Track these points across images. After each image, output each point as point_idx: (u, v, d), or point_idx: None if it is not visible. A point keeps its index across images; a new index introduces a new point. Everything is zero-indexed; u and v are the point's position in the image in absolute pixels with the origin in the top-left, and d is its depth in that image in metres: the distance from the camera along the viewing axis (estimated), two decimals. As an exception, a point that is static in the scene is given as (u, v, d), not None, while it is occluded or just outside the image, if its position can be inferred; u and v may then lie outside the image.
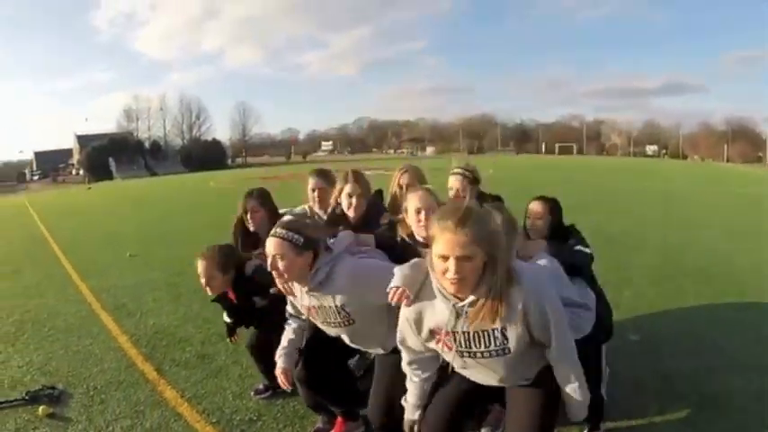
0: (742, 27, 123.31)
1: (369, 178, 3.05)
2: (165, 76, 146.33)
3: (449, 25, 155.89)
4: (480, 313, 1.69)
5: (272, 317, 2.70)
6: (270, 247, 2.13)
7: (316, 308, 2.27)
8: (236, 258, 2.91)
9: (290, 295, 2.39)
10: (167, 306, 5.28)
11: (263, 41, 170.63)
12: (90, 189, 35.66)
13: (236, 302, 2.94)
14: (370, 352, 2.51)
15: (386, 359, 2.35)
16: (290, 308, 2.52)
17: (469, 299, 1.69)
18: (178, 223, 12.13)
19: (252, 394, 3.24)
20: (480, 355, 1.80)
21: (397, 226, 2.61)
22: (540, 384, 1.92)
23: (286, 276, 2.16)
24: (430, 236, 1.68)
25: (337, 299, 2.19)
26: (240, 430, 2.91)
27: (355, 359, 3.23)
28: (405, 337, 1.97)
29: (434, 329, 1.83)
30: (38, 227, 13.52)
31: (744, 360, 3.54)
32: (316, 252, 2.16)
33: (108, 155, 60.70)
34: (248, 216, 3.17)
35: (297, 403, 3.05)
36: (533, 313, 1.70)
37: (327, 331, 2.40)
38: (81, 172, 63.18)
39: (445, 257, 1.61)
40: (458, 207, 1.69)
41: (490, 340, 1.75)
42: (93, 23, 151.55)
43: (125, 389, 3.42)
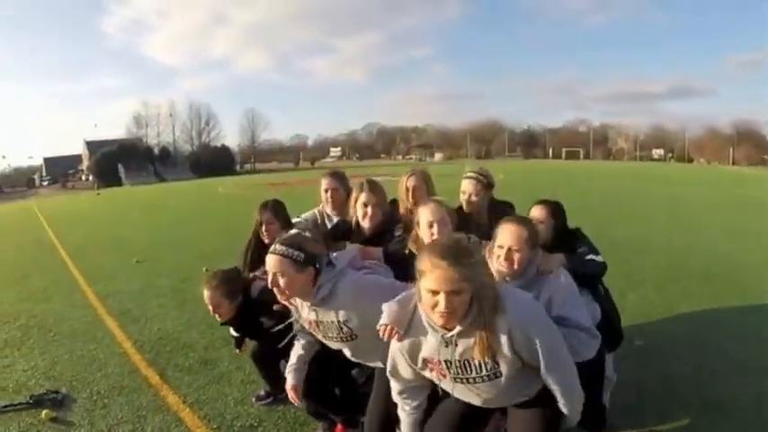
0: (745, 29, 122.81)
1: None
2: (174, 81, 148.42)
3: (456, 31, 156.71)
4: (468, 343, 1.74)
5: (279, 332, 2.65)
6: (270, 264, 2.10)
7: (317, 322, 2.26)
8: (242, 281, 2.92)
9: (291, 308, 2.37)
10: (172, 312, 5.31)
11: (271, 47, 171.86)
12: (99, 195, 35.99)
13: (242, 325, 2.96)
14: (370, 366, 2.48)
15: (385, 372, 2.34)
16: (297, 325, 2.48)
17: (457, 329, 1.71)
18: (186, 229, 12.19)
19: (253, 400, 3.24)
20: (473, 380, 1.84)
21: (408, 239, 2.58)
22: (541, 404, 1.91)
23: (287, 293, 2.14)
24: (419, 270, 1.69)
25: (340, 314, 2.17)
26: (240, 436, 2.91)
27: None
28: (396, 367, 2.00)
29: (427, 359, 1.87)
30: (46, 232, 13.65)
31: (746, 362, 3.53)
32: (317, 267, 2.13)
33: (117, 161, 61.11)
34: (263, 228, 3.14)
35: (297, 410, 3.04)
36: (519, 341, 1.73)
37: (329, 345, 2.40)
38: (90, 178, 63.77)
39: (435, 292, 1.64)
40: (447, 243, 1.75)
41: (481, 367, 1.79)
42: (102, 29, 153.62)
43: (128, 394, 3.44)
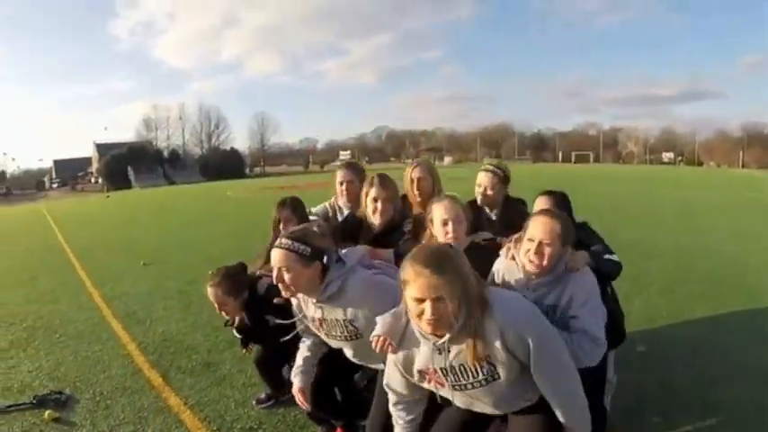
0: (757, 30, 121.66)
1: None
2: (184, 84, 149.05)
3: (466, 33, 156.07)
4: (460, 348, 1.72)
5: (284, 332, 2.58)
6: (275, 258, 2.04)
7: (321, 320, 2.22)
8: (248, 278, 2.89)
9: (294, 306, 2.34)
10: (177, 314, 5.34)
11: (281, 49, 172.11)
12: (108, 197, 36.31)
13: (248, 323, 2.93)
14: (371, 368, 2.44)
15: None
16: (301, 325, 2.40)
17: (447, 335, 1.70)
18: (194, 232, 12.25)
19: (254, 403, 3.25)
20: (471, 386, 1.80)
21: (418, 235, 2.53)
22: (543, 410, 1.86)
23: (293, 289, 2.09)
24: (402, 279, 1.68)
25: (348, 312, 2.12)
26: (240, 438, 2.92)
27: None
28: (391, 380, 1.99)
29: (423, 370, 1.84)
30: (55, 234, 13.81)
31: (749, 367, 3.50)
32: (324, 263, 2.08)
33: (127, 163, 61.68)
34: (282, 226, 3.10)
35: (298, 413, 3.05)
36: (512, 341, 1.70)
37: (330, 344, 2.36)
38: (100, 180, 64.36)
39: (421, 300, 1.63)
40: (430, 250, 1.72)
41: (478, 370, 1.75)
42: (112, 32, 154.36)
43: (130, 395, 3.46)
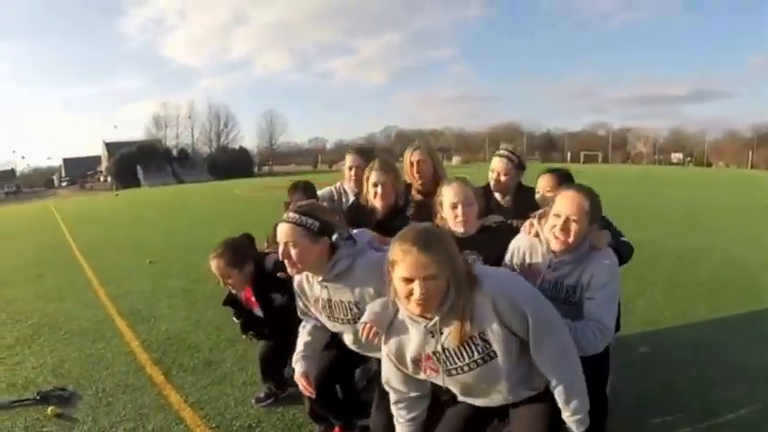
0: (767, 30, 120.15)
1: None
2: (193, 82, 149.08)
3: (476, 32, 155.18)
4: (452, 328, 1.69)
5: (287, 320, 2.55)
6: (282, 233, 1.96)
7: (326, 301, 2.15)
8: (254, 252, 2.84)
9: (296, 287, 2.27)
10: (181, 312, 5.37)
11: (291, 47, 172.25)
12: (117, 196, 36.56)
13: (253, 299, 2.89)
14: (371, 356, 2.37)
15: None
16: (302, 306, 2.33)
17: (437, 318, 1.68)
18: (201, 231, 12.24)
19: (253, 402, 3.26)
20: (468, 367, 1.75)
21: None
22: (544, 403, 1.82)
23: (299, 266, 2.01)
24: (390, 260, 1.66)
25: (355, 293, 2.05)
26: (238, 436, 2.94)
27: (358, 370, 3.18)
28: (389, 376, 1.96)
29: (416, 358, 1.81)
30: (63, 233, 13.91)
31: (750, 369, 3.48)
32: (333, 239, 1.99)
33: (136, 162, 61.86)
34: None
35: (296, 411, 3.07)
36: (506, 311, 1.67)
37: (331, 328, 2.29)
38: (109, 179, 64.75)
39: (409, 280, 1.62)
40: (416, 229, 1.71)
41: (472, 349, 1.71)
42: (122, 30, 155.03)
43: (132, 392, 3.49)
